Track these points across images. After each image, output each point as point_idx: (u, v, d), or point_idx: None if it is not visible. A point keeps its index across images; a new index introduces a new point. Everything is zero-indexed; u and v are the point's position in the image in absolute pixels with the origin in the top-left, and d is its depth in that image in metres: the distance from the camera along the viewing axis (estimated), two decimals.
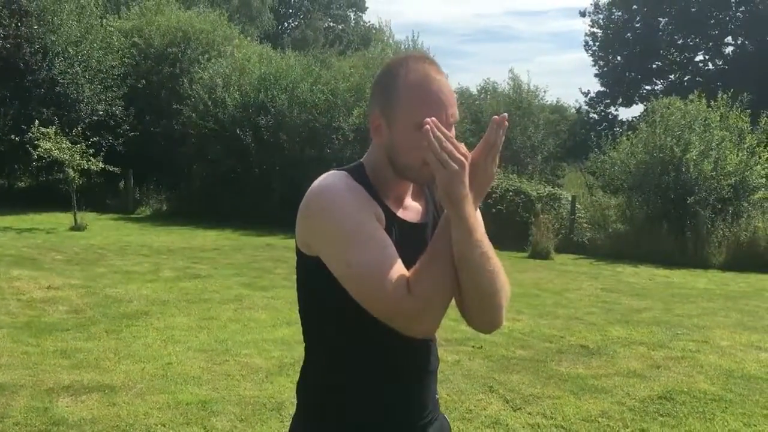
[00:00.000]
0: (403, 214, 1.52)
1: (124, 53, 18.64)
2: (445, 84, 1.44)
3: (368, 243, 1.37)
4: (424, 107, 1.40)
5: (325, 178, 1.47)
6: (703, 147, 13.20)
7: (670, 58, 31.65)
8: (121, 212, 17.16)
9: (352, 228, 1.38)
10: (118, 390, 4.49)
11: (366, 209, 1.42)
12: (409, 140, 1.42)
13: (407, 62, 1.46)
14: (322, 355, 1.54)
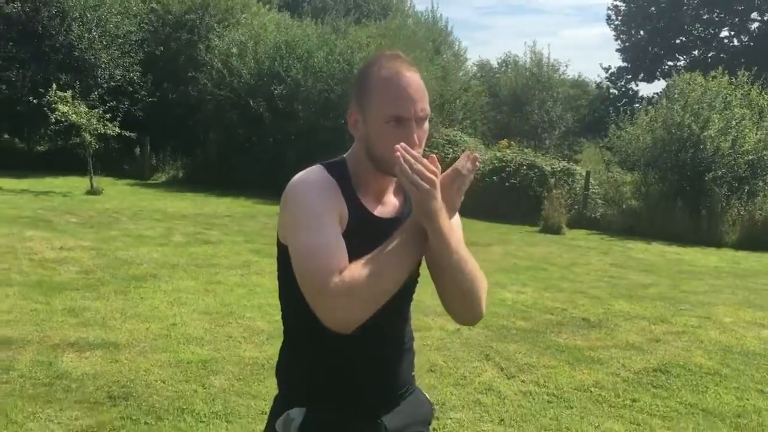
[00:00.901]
0: (380, 210, 1.59)
1: (142, 19, 18.67)
2: (414, 80, 1.51)
3: (318, 230, 1.44)
4: (393, 101, 1.49)
5: (303, 173, 1.55)
6: (723, 125, 13.04)
7: (695, 34, 31.09)
8: (137, 178, 17.32)
9: (308, 216, 1.47)
10: (121, 348, 4.60)
11: (328, 204, 1.49)
12: (381, 133, 1.50)
13: (380, 60, 1.55)
14: (296, 337, 1.62)
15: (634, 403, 4.16)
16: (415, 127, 1.50)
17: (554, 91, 26.46)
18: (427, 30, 24.83)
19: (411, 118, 1.49)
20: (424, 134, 1.54)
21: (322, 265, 1.40)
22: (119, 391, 3.85)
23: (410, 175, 1.39)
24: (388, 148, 1.46)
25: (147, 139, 17.57)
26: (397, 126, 1.49)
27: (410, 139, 1.48)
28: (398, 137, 1.47)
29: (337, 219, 1.49)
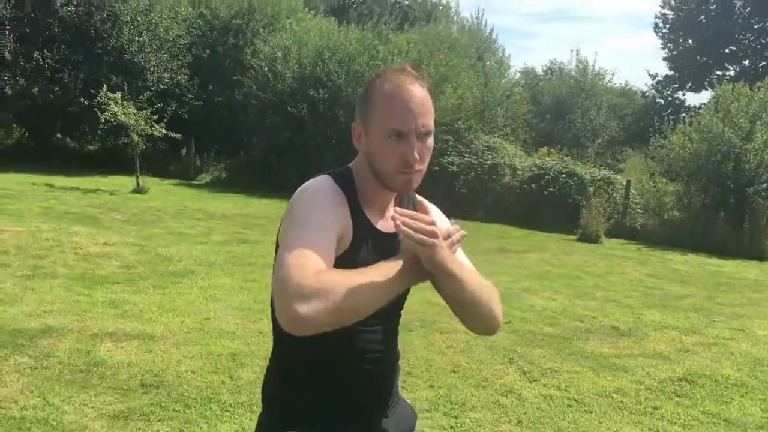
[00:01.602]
0: (383, 224, 1.59)
1: (191, 23, 19.16)
2: (418, 94, 1.49)
3: (309, 231, 1.41)
4: (393, 115, 1.48)
5: (311, 181, 1.55)
6: (767, 137, 12.79)
7: (745, 43, 30.44)
8: (182, 178, 17.77)
9: (304, 217, 1.44)
10: (156, 339, 4.79)
11: (329, 213, 1.46)
12: (381, 147, 1.50)
13: (385, 73, 1.54)
14: (289, 352, 1.61)
15: (655, 411, 4.17)
16: (415, 142, 1.48)
17: (598, 99, 26.22)
18: (470, 37, 24.87)
19: (411, 132, 1.48)
20: (427, 150, 1.52)
21: (302, 263, 1.33)
22: (151, 380, 4.02)
23: (413, 236, 1.35)
24: (389, 162, 1.49)
25: (192, 140, 18.01)
26: (398, 141, 1.48)
27: (410, 154, 1.48)
28: (399, 152, 1.48)
29: (335, 228, 1.46)
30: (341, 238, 1.48)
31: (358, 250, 1.50)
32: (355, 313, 1.34)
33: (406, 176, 1.51)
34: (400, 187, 1.54)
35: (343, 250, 1.48)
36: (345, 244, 1.49)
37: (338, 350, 1.54)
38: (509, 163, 15.30)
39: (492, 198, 14.93)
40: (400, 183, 1.53)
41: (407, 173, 1.51)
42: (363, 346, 1.58)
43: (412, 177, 1.52)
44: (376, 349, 1.61)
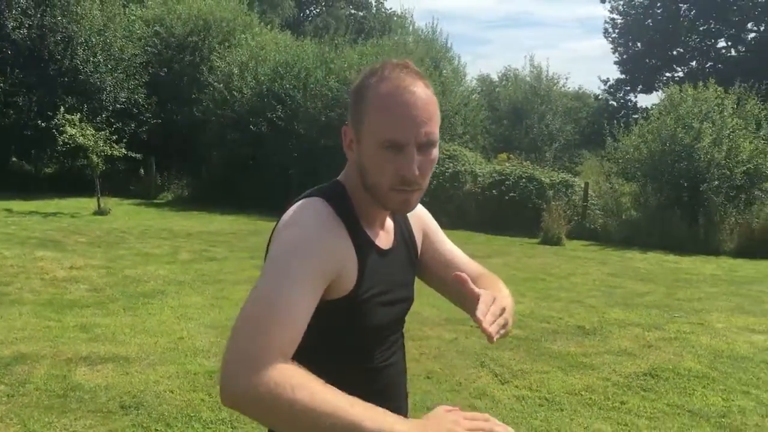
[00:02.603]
0: (384, 239, 1.41)
1: (146, 42, 19.07)
2: (421, 97, 1.25)
3: (289, 290, 1.17)
4: (390, 122, 1.24)
5: (301, 211, 1.30)
6: (715, 135, 13.24)
7: (691, 45, 31.42)
8: (144, 198, 17.64)
9: (286, 269, 1.19)
10: (132, 361, 4.81)
11: (318, 262, 1.22)
12: (375, 159, 1.27)
13: (382, 70, 1.29)
14: None
15: (622, 405, 4.34)
16: (415, 154, 1.25)
17: (554, 104, 26.75)
18: (425, 46, 25.17)
19: (410, 143, 1.24)
20: (429, 163, 1.28)
21: (270, 337, 1.11)
22: (130, 401, 4.05)
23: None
24: (383, 178, 1.27)
25: (152, 159, 17.89)
26: (395, 153, 1.25)
27: (409, 170, 1.25)
28: (395, 166, 1.25)
29: (323, 284, 1.23)
30: (340, 276, 1.26)
31: (367, 280, 1.31)
32: (285, 424, 1.08)
33: (403, 195, 1.28)
34: (395, 206, 1.32)
35: (348, 289, 1.29)
36: (348, 283, 1.28)
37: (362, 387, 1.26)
38: (470, 170, 15.53)
39: (454, 205, 15.12)
40: (396, 203, 1.30)
41: (405, 191, 1.28)
42: (387, 380, 1.42)
43: (411, 197, 1.29)
44: (397, 382, 1.46)
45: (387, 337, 1.43)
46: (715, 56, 31.34)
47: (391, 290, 1.39)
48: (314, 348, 1.24)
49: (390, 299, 1.39)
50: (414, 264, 1.53)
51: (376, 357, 1.40)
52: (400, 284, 1.44)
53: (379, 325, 1.38)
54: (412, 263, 1.52)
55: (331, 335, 1.32)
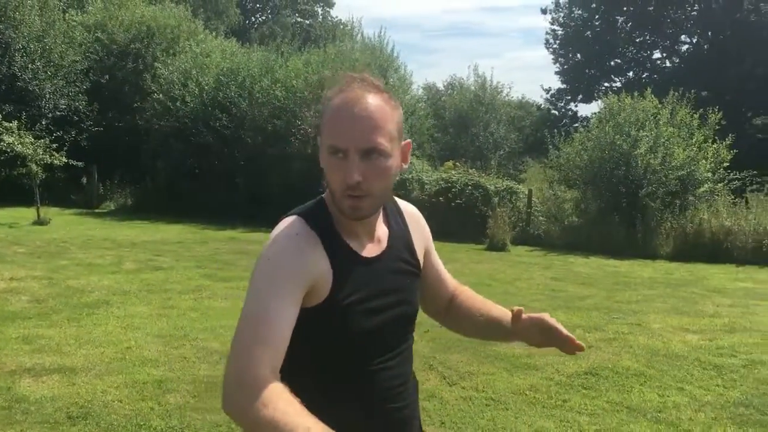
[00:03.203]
0: (370, 248, 1.48)
1: (87, 48, 18.69)
2: (366, 107, 1.34)
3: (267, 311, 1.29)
4: (333, 130, 1.35)
5: (279, 231, 1.40)
6: (652, 143, 13.73)
7: (628, 56, 32.47)
8: (85, 207, 17.25)
9: (265, 289, 1.31)
10: (78, 372, 4.75)
11: (294, 282, 1.32)
12: (327, 166, 1.37)
13: (341, 84, 1.39)
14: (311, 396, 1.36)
15: (564, 403, 4.50)
16: (357, 161, 1.32)
17: (498, 113, 27.26)
18: (372, 55, 25.36)
19: (349, 150, 1.32)
20: (375, 170, 1.35)
21: (255, 350, 1.24)
22: (78, 412, 4.01)
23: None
24: (335, 183, 1.36)
25: (94, 167, 17.52)
26: (341, 159, 1.34)
27: (347, 174, 1.33)
28: (339, 171, 1.34)
29: (299, 293, 1.33)
30: (314, 286, 1.36)
31: (342, 288, 1.39)
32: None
33: (352, 201, 1.36)
34: (347, 212, 1.38)
35: (324, 296, 1.38)
36: (323, 291, 1.38)
37: (357, 390, 1.45)
38: (417, 177, 15.70)
39: None
40: (347, 208, 1.37)
41: (352, 197, 1.36)
42: (384, 383, 1.48)
43: (360, 203, 1.37)
44: (397, 384, 1.51)
45: (384, 342, 1.48)
46: (651, 67, 32.44)
47: (377, 296, 1.45)
48: (303, 355, 1.37)
49: (377, 305, 1.45)
50: (413, 274, 1.58)
51: (367, 361, 1.45)
52: (389, 291, 1.48)
53: (365, 330, 1.43)
54: (408, 272, 1.56)
55: (317, 340, 1.40)
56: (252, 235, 13.46)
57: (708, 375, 5.23)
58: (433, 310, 1.77)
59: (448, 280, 1.79)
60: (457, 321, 1.76)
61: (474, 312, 1.72)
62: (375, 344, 1.46)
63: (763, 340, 6.36)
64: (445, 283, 1.77)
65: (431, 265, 1.71)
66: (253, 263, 1.40)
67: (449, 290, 1.78)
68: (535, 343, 1.63)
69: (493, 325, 1.68)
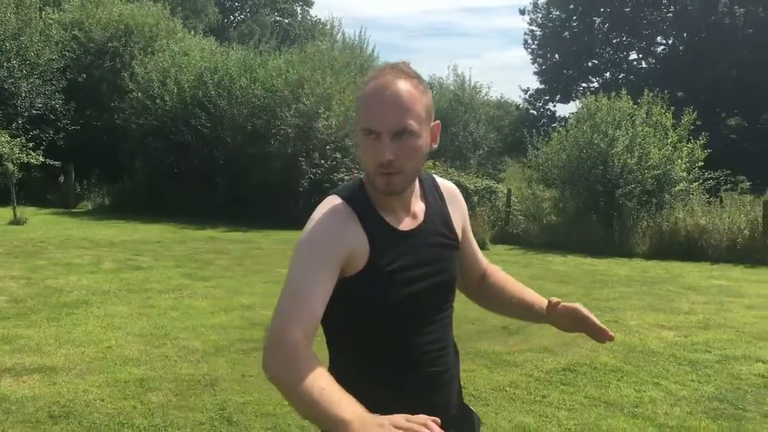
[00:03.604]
0: (408, 222, 1.57)
1: (64, 46, 18.50)
2: (396, 92, 1.45)
3: (305, 277, 1.43)
4: (366, 113, 1.47)
5: (318, 209, 1.52)
6: (628, 142, 13.91)
7: (605, 57, 32.81)
8: (62, 207, 17.10)
9: (305, 259, 1.45)
10: (58, 371, 4.73)
11: (330, 255, 1.45)
12: (362, 147, 1.49)
13: (376, 72, 1.51)
14: (349, 367, 1.56)
15: (543, 399, 4.57)
16: (388, 141, 1.44)
17: (477, 113, 27.42)
18: (352, 54, 25.36)
19: (382, 131, 1.44)
20: (406, 150, 1.46)
21: (290, 318, 1.38)
22: (59, 411, 4.00)
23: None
24: (369, 163, 1.48)
25: (71, 167, 17.36)
26: (374, 140, 1.46)
27: (381, 154, 1.44)
28: (374, 152, 1.46)
29: (335, 266, 1.45)
30: (351, 257, 1.47)
31: (381, 258, 1.49)
32: (288, 399, 1.36)
33: (384, 178, 1.48)
34: (380, 188, 1.50)
35: (361, 267, 1.49)
36: (360, 262, 1.48)
37: (396, 355, 1.54)
38: None
39: None
40: (380, 184, 1.49)
41: (384, 174, 1.47)
42: (422, 348, 1.57)
43: (391, 179, 1.48)
44: (436, 349, 1.61)
45: (422, 310, 1.58)
46: (628, 68, 32.82)
47: (415, 267, 1.55)
48: (342, 323, 1.53)
49: (415, 275, 1.54)
50: (451, 246, 1.67)
51: (405, 327, 1.55)
52: (426, 262, 1.57)
53: (402, 297, 1.52)
54: (446, 244, 1.65)
55: (356, 308, 1.52)
56: (232, 235, 13.44)
57: (683, 370, 5.34)
58: (463, 284, 1.85)
59: (480, 257, 1.91)
60: (488, 298, 1.91)
61: (507, 293, 1.87)
62: (412, 311, 1.55)
63: (736, 336, 6.49)
64: (478, 260, 1.89)
65: (467, 242, 1.82)
66: (232, 263, 1.48)
67: (482, 267, 1.91)
68: (565, 329, 1.78)
69: (524, 308, 1.84)
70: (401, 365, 1.55)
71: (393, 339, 1.54)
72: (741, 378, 5.17)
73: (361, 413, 1.25)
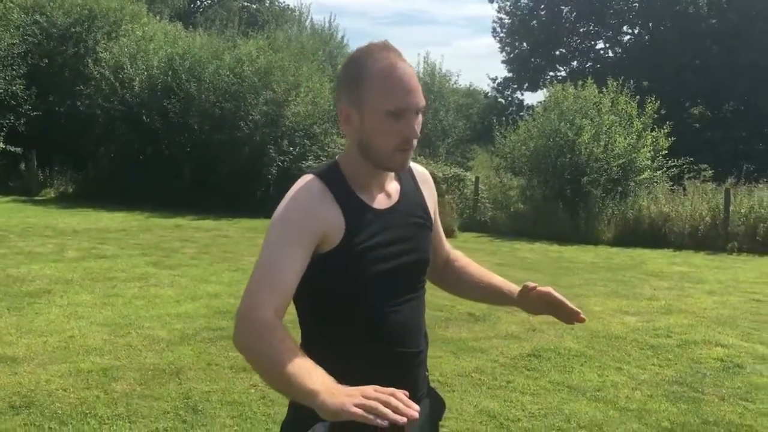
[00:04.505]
0: (383, 201, 1.60)
1: (25, 30, 18.05)
2: (409, 71, 1.51)
3: (277, 255, 1.45)
4: (392, 94, 1.48)
5: (294, 186, 1.55)
6: (594, 131, 14.07)
7: (573, 46, 33.07)
8: (24, 194, 16.76)
9: (277, 237, 1.47)
10: (20, 361, 4.65)
11: (304, 227, 1.47)
12: (380, 127, 1.49)
13: (372, 52, 1.52)
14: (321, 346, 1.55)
15: (508, 384, 4.63)
16: (414, 118, 1.50)
17: (446, 101, 27.43)
18: (321, 41, 25.19)
19: (410, 109, 1.49)
20: (419, 126, 1.53)
21: (262, 292, 1.42)
22: (20, 401, 3.94)
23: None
24: (388, 142, 1.50)
25: (33, 153, 17.02)
26: (396, 119, 1.48)
27: (412, 131, 1.50)
28: (398, 130, 1.49)
29: (309, 242, 1.48)
30: (326, 234, 1.50)
31: (356, 235, 1.51)
32: (258, 371, 1.40)
33: (404, 154, 1.53)
34: (398, 165, 1.55)
35: (336, 243, 1.50)
36: (335, 239, 1.50)
37: (368, 334, 1.56)
38: None
39: None
40: (399, 162, 1.54)
41: (406, 151, 1.53)
42: (394, 327, 1.59)
43: (408, 155, 1.55)
44: (408, 330, 1.63)
45: (396, 288, 1.59)
46: (595, 57, 33.13)
47: (389, 244, 1.57)
48: (317, 300, 1.55)
49: (389, 252, 1.57)
50: (425, 226, 1.70)
51: (378, 304, 1.57)
52: (400, 239, 1.60)
53: (376, 274, 1.55)
54: (420, 224, 1.68)
55: (330, 284, 1.53)
56: (199, 223, 13.31)
57: (645, 355, 5.44)
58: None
59: (445, 242, 1.93)
60: (453, 282, 1.93)
61: (474, 277, 1.91)
62: (386, 289, 1.57)
63: (696, 321, 6.64)
64: (443, 243, 1.92)
65: (435, 226, 1.82)
66: (199, 251, 1.47)
67: (446, 250, 1.94)
68: (533, 312, 1.85)
69: (492, 292, 1.89)
70: (373, 343, 1.56)
71: (366, 317, 1.56)
72: (700, 362, 5.29)
73: (330, 384, 1.27)
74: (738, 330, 6.33)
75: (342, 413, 1.19)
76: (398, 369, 1.59)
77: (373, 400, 1.19)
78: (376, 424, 1.15)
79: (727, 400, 4.46)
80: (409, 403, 1.21)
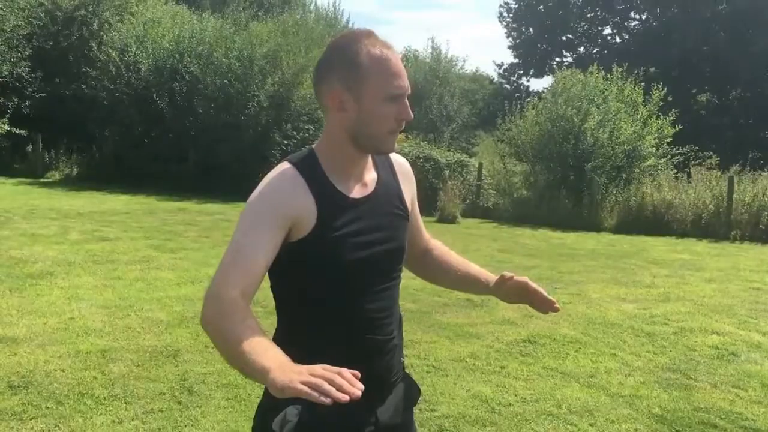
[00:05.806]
0: (359, 190, 1.62)
1: (30, 13, 18.06)
2: (398, 57, 1.58)
3: (247, 238, 1.49)
4: (391, 79, 1.54)
5: (269, 174, 1.58)
6: (600, 117, 14.03)
7: (580, 32, 32.84)
8: (30, 176, 16.85)
9: (248, 221, 1.52)
10: (20, 342, 4.72)
11: (276, 212, 1.50)
12: (378, 111, 1.54)
13: (361, 39, 1.56)
14: (296, 328, 1.62)
15: (502, 369, 4.67)
16: (406, 102, 1.57)
17: (452, 86, 27.37)
18: (327, 25, 25.10)
19: (405, 94, 1.56)
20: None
21: (230, 273, 1.45)
22: (19, 381, 4.00)
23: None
24: (385, 125, 1.55)
25: (39, 136, 17.09)
26: (393, 103, 1.54)
27: (407, 113, 1.57)
28: (394, 113, 1.55)
29: (280, 227, 1.50)
30: (298, 221, 1.52)
31: (329, 223, 1.54)
32: (222, 350, 1.41)
33: (394, 136, 1.60)
34: (390, 147, 1.62)
35: (308, 231, 1.53)
36: (307, 226, 1.53)
37: (341, 320, 1.59)
38: None
39: None
40: (391, 143, 1.60)
41: (395, 133, 1.59)
42: (367, 314, 1.62)
43: (396, 137, 1.62)
44: (381, 317, 1.65)
45: (369, 276, 1.61)
46: (602, 43, 32.90)
47: (363, 233, 1.59)
48: (289, 286, 1.59)
49: (363, 240, 1.59)
50: (401, 216, 1.72)
51: (351, 292, 1.59)
52: (375, 229, 1.62)
53: (348, 262, 1.57)
54: (396, 214, 1.70)
55: (302, 271, 1.57)
56: (202, 206, 13.37)
57: (640, 342, 5.47)
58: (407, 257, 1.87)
59: (424, 231, 1.96)
60: (432, 271, 1.97)
61: (452, 267, 1.94)
62: (359, 277, 1.60)
63: (694, 308, 6.66)
64: (421, 233, 1.94)
65: (414, 216, 1.84)
66: (200, 235, 1.51)
67: (424, 240, 1.96)
68: (509, 301, 1.85)
69: (469, 281, 1.91)
70: (346, 330, 1.59)
71: (339, 304, 1.58)
72: (695, 349, 5.32)
73: (283, 361, 1.29)
74: (735, 318, 6.35)
75: (288, 389, 1.20)
76: (369, 356, 1.61)
77: (319, 378, 1.21)
78: (320, 402, 1.18)
79: (720, 388, 4.49)
80: (354, 382, 1.22)
